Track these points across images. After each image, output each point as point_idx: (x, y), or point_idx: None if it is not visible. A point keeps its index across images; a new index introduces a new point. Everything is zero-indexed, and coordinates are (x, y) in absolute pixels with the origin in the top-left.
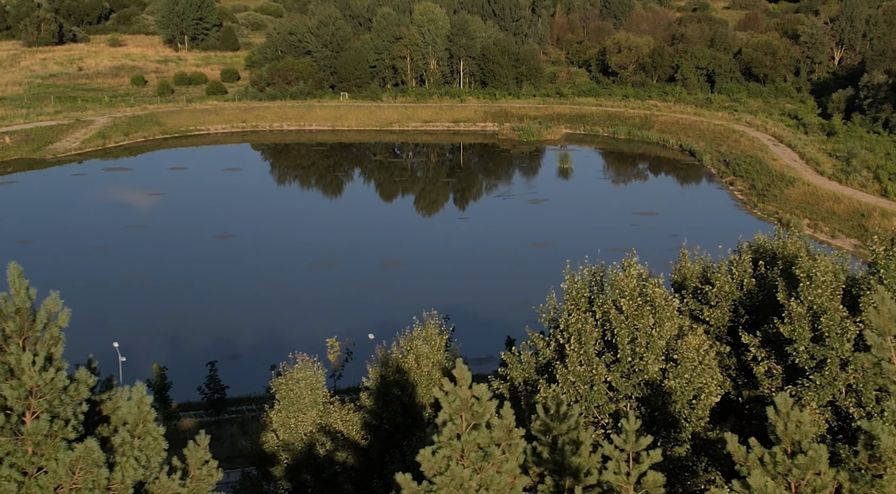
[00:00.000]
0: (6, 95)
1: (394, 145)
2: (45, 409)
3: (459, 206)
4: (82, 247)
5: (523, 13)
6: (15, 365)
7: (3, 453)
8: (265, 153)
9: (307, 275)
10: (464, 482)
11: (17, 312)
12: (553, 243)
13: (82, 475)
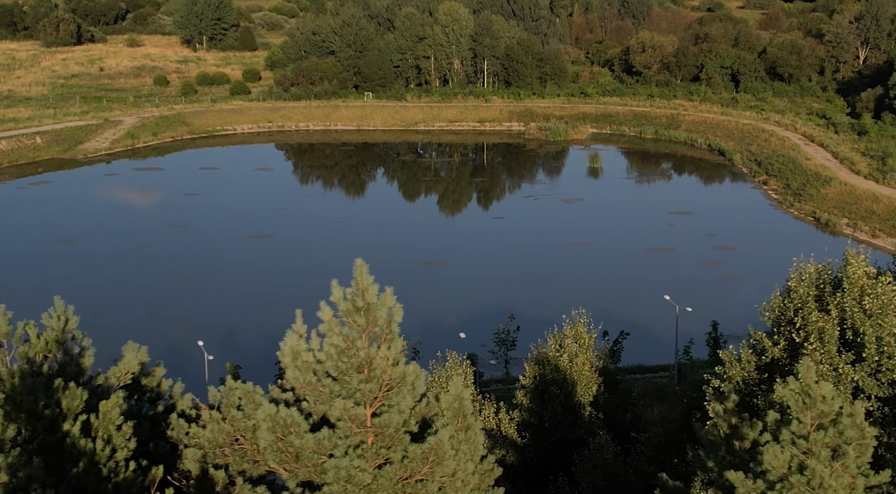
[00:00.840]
0: (31, 95)
1: (420, 145)
2: (393, 403)
3: (493, 206)
4: (124, 247)
5: (542, 13)
6: (365, 359)
7: (351, 445)
8: (293, 153)
9: (351, 275)
10: (823, 481)
11: (363, 309)
12: (593, 242)
13: (430, 467)
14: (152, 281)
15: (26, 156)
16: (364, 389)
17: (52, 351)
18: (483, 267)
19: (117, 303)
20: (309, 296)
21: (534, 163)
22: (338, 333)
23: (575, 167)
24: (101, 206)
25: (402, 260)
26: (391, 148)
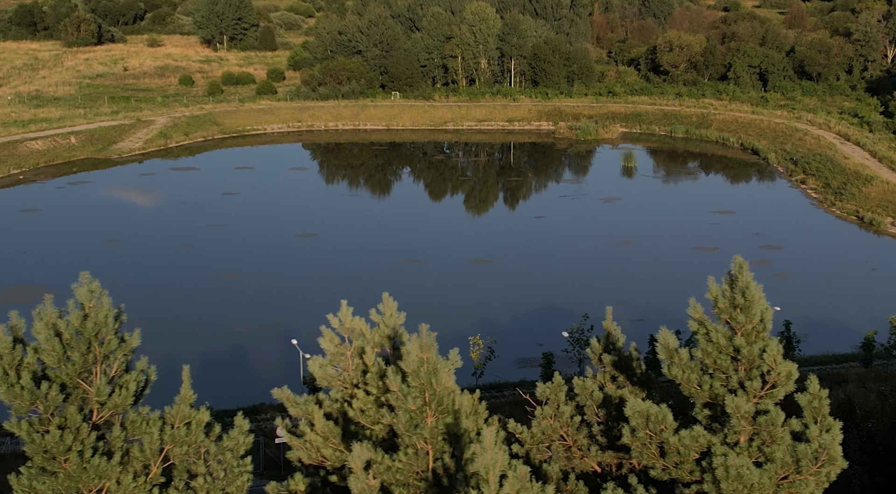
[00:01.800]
0: (58, 95)
1: (451, 144)
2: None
3: (531, 205)
4: (169, 247)
5: (564, 12)
6: (748, 356)
7: (730, 442)
8: (326, 152)
9: (402, 274)
10: None
11: (742, 307)
12: (637, 242)
13: (819, 467)
14: (204, 281)
15: (62, 156)
16: (749, 386)
17: (385, 345)
18: (531, 266)
19: (179, 302)
20: (363, 296)
21: (566, 163)
22: (715, 330)
23: (608, 166)
24: (143, 206)
25: (449, 260)
26: (421, 147)
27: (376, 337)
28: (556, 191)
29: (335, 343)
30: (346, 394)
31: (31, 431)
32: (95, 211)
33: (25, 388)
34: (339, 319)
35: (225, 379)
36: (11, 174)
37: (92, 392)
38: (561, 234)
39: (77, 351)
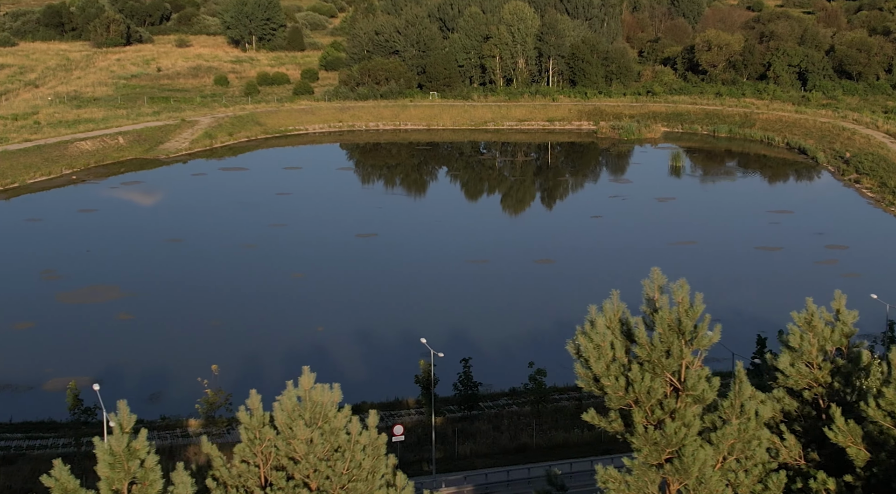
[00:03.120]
0: (97, 96)
1: (493, 144)
2: None
3: (584, 204)
4: (233, 247)
5: (595, 12)
6: None
7: None
8: (370, 152)
9: (469, 273)
10: None
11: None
12: (698, 241)
13: None
14: (274, 280)
15: (111, 156)
16: None
17: (842, 345)
18: (597, 266)
19: (255, 301)
20: (435, 296)
21: (611, 163)
22: None
23: (654, 166)
24: (199, 206)
25: (514, 259)
26: (464, 147)
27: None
28: (605, 191)
29: None
30: None
31: (641, 423)
32: (153, 211)
33: (632, 382)
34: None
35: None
36: (64, 174)
37: (684, 385)
38: (621, 233)
39: (671, 345)
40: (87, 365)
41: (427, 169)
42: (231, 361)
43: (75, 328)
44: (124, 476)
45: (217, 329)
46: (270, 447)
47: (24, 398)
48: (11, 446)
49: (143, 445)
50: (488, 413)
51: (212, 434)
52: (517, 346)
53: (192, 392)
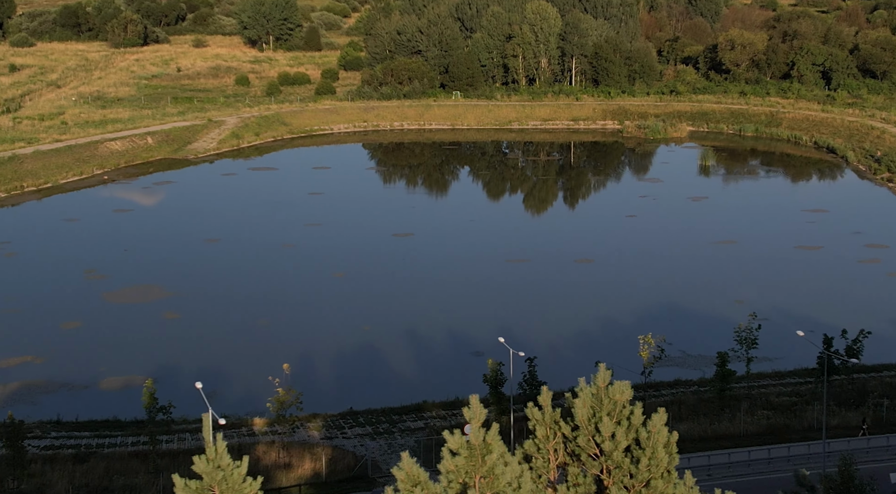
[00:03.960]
0: (120, 96)
1: (518, 143)
2: None
3: (617, 204)
4: (271, 246)
5: (614, 11)
6: None
7: None
8: (398, 152)
9: (510, 272)
10: None
11: None
12: (738, 241)
13: None
14: (316, 280)
15: (140, 157)
16: None
17: None
18: (637, 265)
19: (300, 301)
20: (483, 294)
21: (640, 162)
22: None
23: (683, 165)
24: (232, 206)
25: (554, 259)
26: (491, 147)
27: None
28: (635, 190)
29: None
30: None
31: None
32: (187, 211)
33: None
34: None
35: (371, 377)
36: (95, 174)
37: None
38: (659, 233)
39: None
40: (140, 363)
41: (456, 168)
42: (283, 360)
43: (124, 327)
44: (475, 470)
45: (266, 328)
46: (560, 442)
47: (82, 397)
48: (81, 444)
49: (496, 439)
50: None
51: (278, 432)
52: (567, 345)
53: (248, 390)
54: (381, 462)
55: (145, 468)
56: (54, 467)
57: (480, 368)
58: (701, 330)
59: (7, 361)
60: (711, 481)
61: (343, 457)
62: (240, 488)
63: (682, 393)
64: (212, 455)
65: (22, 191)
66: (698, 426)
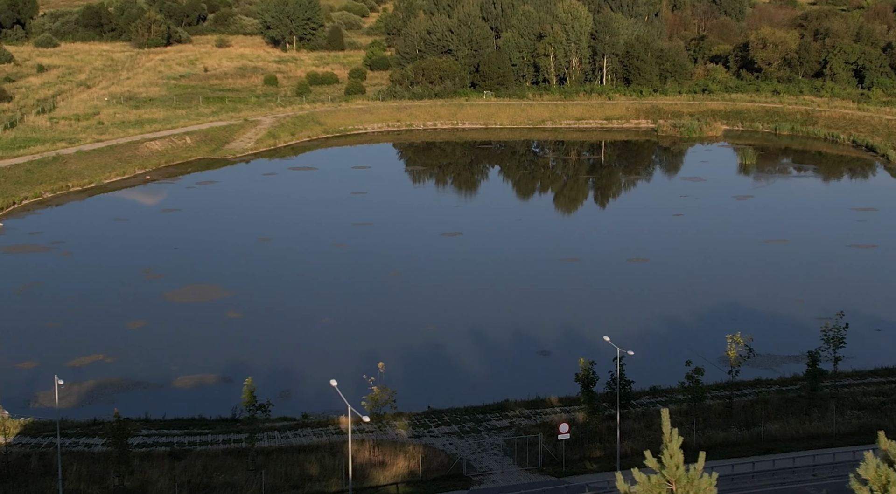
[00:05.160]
0: (151, 96)
1: (550, 143)
2: None
3: (661, 203)
4: (323, 245)
5: (640, 10)
6: None
7: None
8: (434, 152)
9: (562, 271)
10: None
11: None
12: (789, 239)
13: None
14: (374, 280)
15: (180, 156)
16: None
17: None
18: (691, 263)
19: (361, 301)
20: (538, 292)
21: (678, 161)
22: None
23: (722, 164)
24: (279, 205)
25: (606, 258)
26: (526, 146)
27: None
28: (678, 189)
29: None
30: None
31: None
32: (234, 210)
33: None
34: None
35: (443, 376)
36: (137, 174)
37: None
38: (708, 231)
39: None
40: (210, 362)
41: (494, 168)
42: (352, 359)
43: (189, 326)
44: None
45: (329, 327)
46: None
47: (158, 395)
48: (174, 442)
49: None
50: (634, 411)
51: (365, 431)
52: (636, 344)
53: (321, 389)
54: (472, 461)
55: (242, 465)
56: (151, 464)
57: (551, 367)
58: (765, 330)
59: (80, 360)
60: (818, 481)
61: (435, 456)
62: (698, 484)
63: (765, 392)
64: (672, 451)
65: (67, 191)
66: (789, 426)
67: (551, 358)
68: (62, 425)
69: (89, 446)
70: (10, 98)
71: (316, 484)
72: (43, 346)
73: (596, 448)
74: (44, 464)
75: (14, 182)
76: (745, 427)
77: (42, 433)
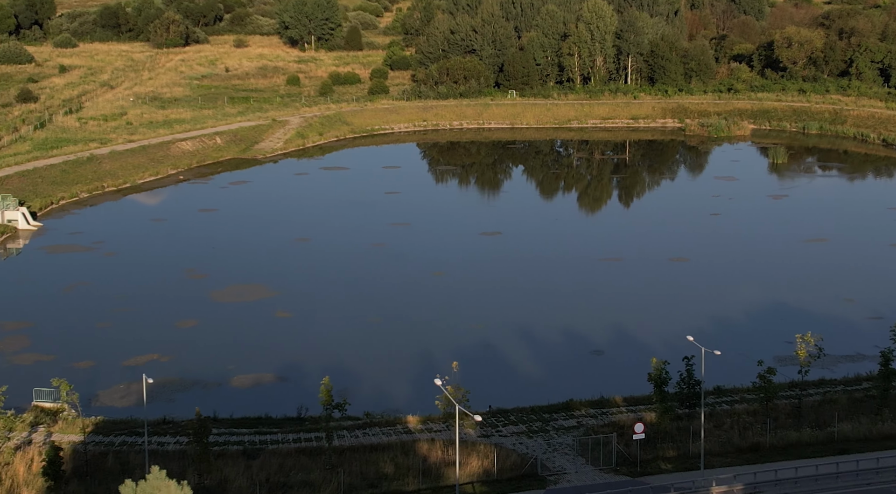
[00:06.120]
0: (175, 96)
1: (574, 142)
2: None
3: (696, 202)
4: (362, 245)
5: (661, 9)
6: None
7: None
8: (462, 151)
9: (604, 271)
10: None
11: None
12: (829, 239)
13: None
14: (417, 279)
15: (210, 156)
16: None
17: None
18: (733, 263)
19: (408, 300)
20: (582, 291)
21: (708, 160)
22: None
23: (753, 163)
24: (313, 205)
25: (647, 257)
26: (553, 145)
27: None
28: (711, 189)
29: None
30: None
31: None
32: (269, 210)
33: None
34: None
35: (500, 375)
36: (170, 174)
37: None
38: (746, 231)
39: None
40: (265, 361)
41: (523, 167)
42: (405, 357)
43: (239, 326)
44: None
45: (379, 327)
46: None
47: (217, 394)
48: (245, 441)
49: None
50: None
51: (432, 430)
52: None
53: (378, 388)
54: (545, 460)
55: (316, 464)
56: (226, 462)
57: (605, 366)
58: (817, 330)
59: (135, 360)
60: None
61: (508, 456)
62: None
63: (831, 392)
64: None
65: (102, 191)
66: (861, 426)
67: (606, 358)
68: (131, 424)
69: (162, 445)
70: (36, 98)
71: (393, 483)
72: (97, 346)
73: (668, 448)
74: (121, 462)
75: (51, 182)
76: (816, 427)
77: (114, 431)
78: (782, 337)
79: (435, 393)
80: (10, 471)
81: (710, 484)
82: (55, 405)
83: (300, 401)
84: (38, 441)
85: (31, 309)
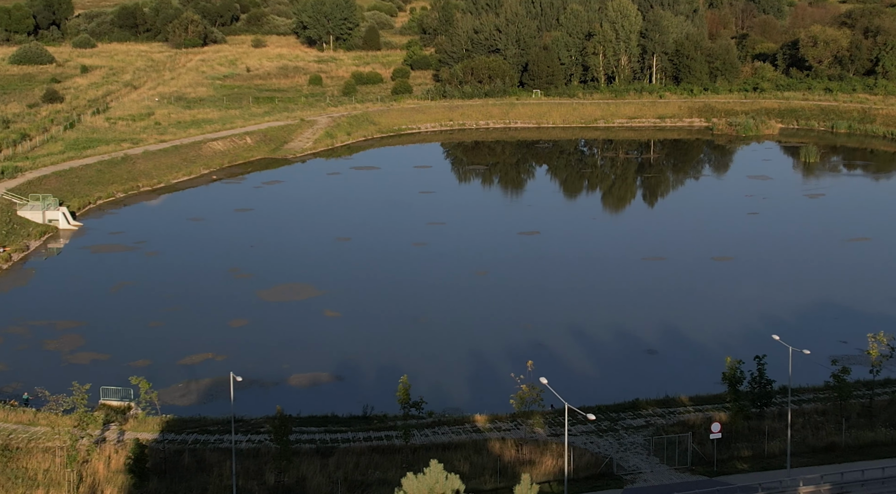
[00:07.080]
0: (200, 96)
1: (600, 141)
2: None
3: (731, 201)
4: (403, 245)
5: (681, 8)
6: None
7: None
8: (491, 151)
9: (648, 271)
10: None
11: None
12: (873, 238)
13: None
14: (459, 279)
15: (241, 156)
16: None
17: None
18: (779, 262)
19: (455, 300)
20: (625, 291)
21: (739, 159)
22: None
23: (784, 162)
24: (351, 205)
25: (690, 256)
26: (577, 145)
27: None
28: (744, 188)
29: None
30: None
31: None
32: (305, 209)
33: None
34: None
35: (557, 374)
36: (203, 174)
37: None
38: (787, 230)
39: None
40: (319, 360)
41: (554, 166)
42: (457, 356)
43: (290, 325)
44: None
45: (428, 326)
46: None
47: (276, 393)
48: (316, 439)
49: None
50: (771, 411)
51: (501, 429)
52: (739, 344)
53: (435, 386)
54: (619, 460)
55: (390, 462)
56: (301, 461)
57: (662, 365)
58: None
59: (190, 359)
60: None
61: (581, 455)
62: None
63: None
64: None
65: (138, 191)
66: None
67: (661, 357)
68: (202, 422)
69: (235, 442)
70: (62, 98)
71: (470, 482)
72: (152, 345)
73: (743, 448)
74: (196, 460)
75: (87, 182)
76: (890, 426)
77: (185, 429)
78: (836, 337)
79: (493, 391)
80: (91, 468)
81: (798, 484)
82: (122, 403)
83: (360, 400)
84: (112, 439)
85: (81, 308)
